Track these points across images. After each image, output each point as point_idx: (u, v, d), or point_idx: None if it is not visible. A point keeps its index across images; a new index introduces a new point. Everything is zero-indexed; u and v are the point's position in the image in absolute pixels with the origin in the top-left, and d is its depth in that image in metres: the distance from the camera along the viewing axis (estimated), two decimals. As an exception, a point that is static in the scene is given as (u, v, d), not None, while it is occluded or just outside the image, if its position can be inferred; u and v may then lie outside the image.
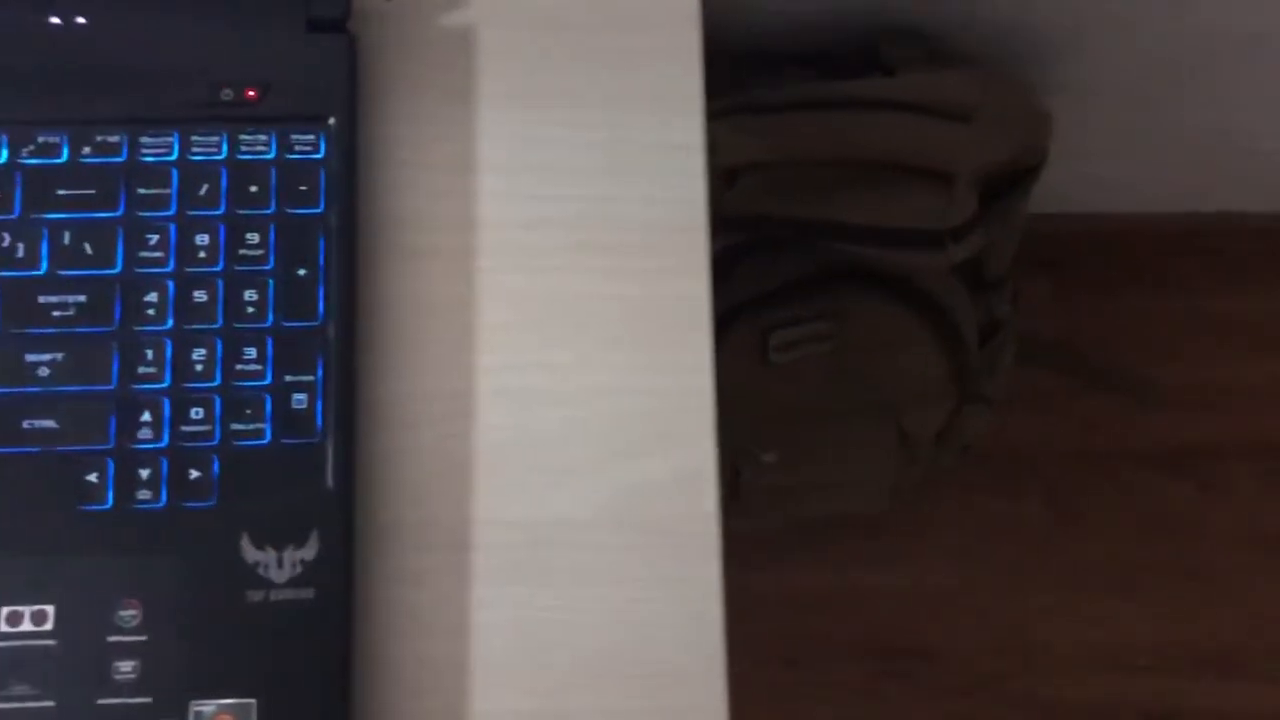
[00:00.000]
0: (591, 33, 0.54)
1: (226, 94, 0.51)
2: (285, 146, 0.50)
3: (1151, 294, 1.34)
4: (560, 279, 0.52)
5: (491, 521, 0.50)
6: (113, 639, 0.46)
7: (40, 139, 0.50)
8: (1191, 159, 1.20)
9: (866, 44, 0.90)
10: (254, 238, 0.50)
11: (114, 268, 0.49)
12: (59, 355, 0.49)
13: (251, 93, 0.51)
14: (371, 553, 0.49)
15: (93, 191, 0.50)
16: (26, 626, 0.46)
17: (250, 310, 0.49)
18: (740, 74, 0.86)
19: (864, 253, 0.88)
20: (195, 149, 0.50)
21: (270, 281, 0.49)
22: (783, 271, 0.93)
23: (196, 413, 0.48)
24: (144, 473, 0.48)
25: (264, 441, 0.48)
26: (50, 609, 0.47)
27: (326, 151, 0.51)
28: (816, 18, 0.91)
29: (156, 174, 0.50)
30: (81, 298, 0.49)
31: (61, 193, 0.50)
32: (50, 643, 0.46)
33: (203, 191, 0.50)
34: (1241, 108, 1.07)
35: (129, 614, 0.47)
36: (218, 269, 0.50)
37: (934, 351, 1.00)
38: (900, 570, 1.30)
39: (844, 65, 0.89)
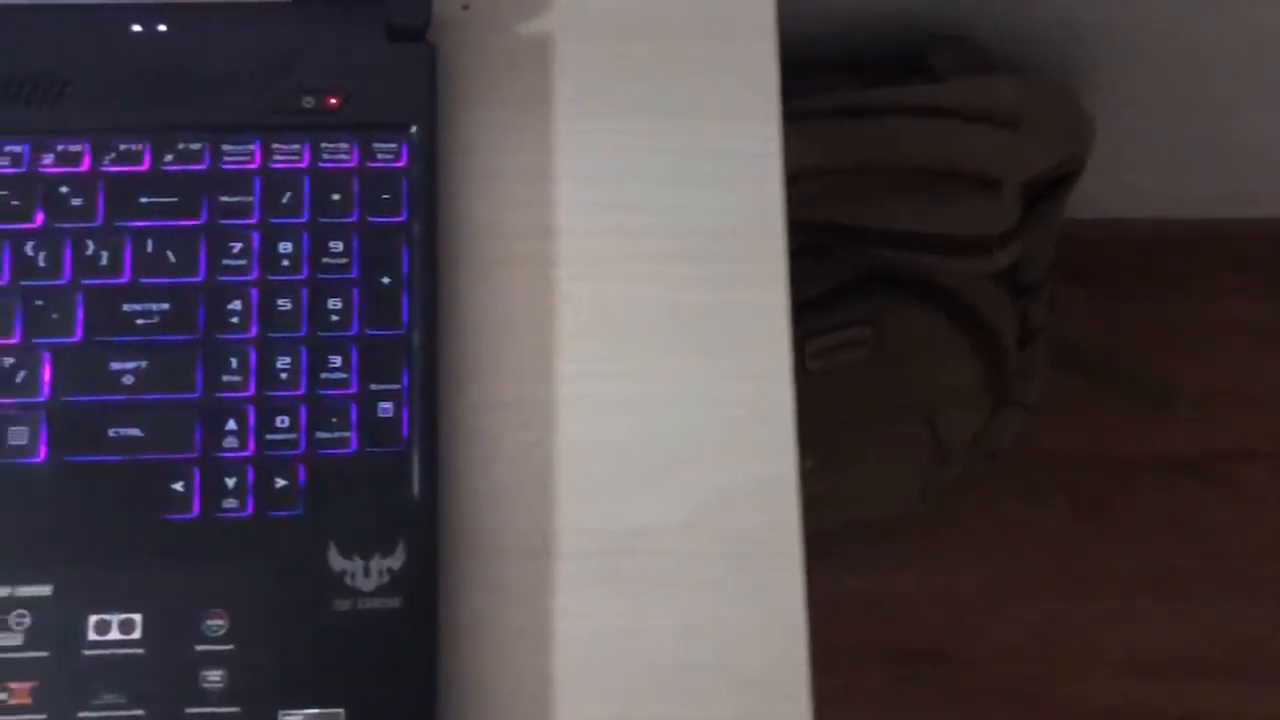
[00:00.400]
0: (668, 41, 0.55)
1: (308, 101, 0.51)
2: (367, 154, 0.50)
3: (1179, 299, 1.34)
4: (638, 287, 0.52)
5: (573, 530, 0.50)
6: (200, 648, 0.46)
7: (122, 146, 0.50)
8: (1221, 165, 1.20)
9: (910, 50, 0.90)
10: (337, 245, 0.50)
11: (197, 275, 0.49)
12: (143, 363, 0.48)
13: (333, 100, 0.51)
14: (453, 561, 0.49)
15: (175, 199, 0.50)
16: (114, 635, 0.46)
17: (335, 318, 0.49)
18: (784, 81, 0.86)
19: (909, 259, 0.88)
20: (277, 156, 0.50)
21: (354, 290, 0.49)
22: (819, 279, 0.93)
23: (282, 421, 0.48)
24: (230, 481, 0.48)
25: (350, 450, 0.48)
26: (138, 618, 0.47)
27: (408, 160, 0.51)
28: (859, 25, 0.91)
29: (238, 181, 0.50)
30: (165, 305, 0.49)
31: (144, 200, 0.50)
32: (138, 652, 0.46)
33: (285, 199, 0.50)
34: (1276, 113, 1.08)
35: (216, 623, 0.47)
36: (301, 277, 0.49)
37: (970, 357, 1.01)
38: (922, 574, 1.30)
39: (888, 72, 0.89)
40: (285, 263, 0.49)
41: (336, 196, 0.50)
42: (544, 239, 0.53)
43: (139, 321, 0.49)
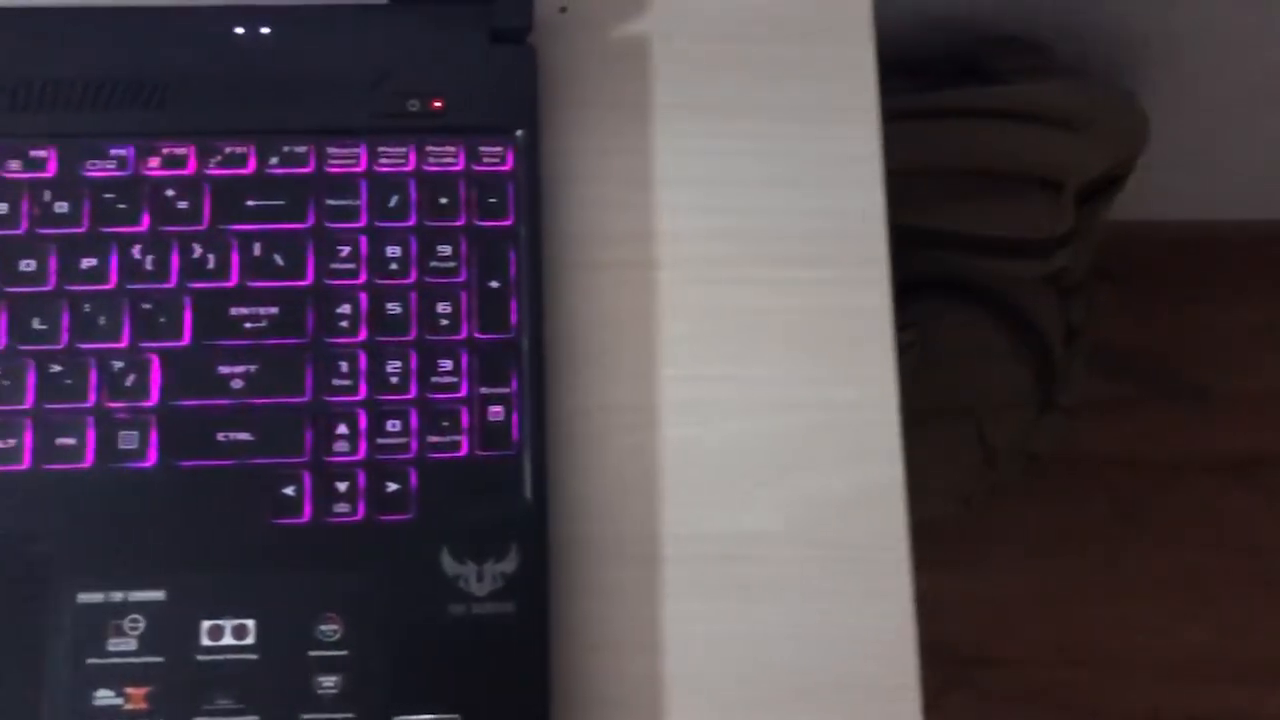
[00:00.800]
0: (765, 43, 0.54)
1: (412, 104, 0.50)
2: (473, 158, 0.50)
3: (1218, 301, 1.34)
4: (741, 291, 0.52)
5: (680, 535, 0.50)
6: (315, 653, 0.46)
7: (227, 150, 0.50)
8: (1258, 167, 1.20)
9: (965, 53, 0.90)
10: (445, 249, 0.49)
11: (305, 279, 0.49)
12: (252, 367, 0.48)
13: (437, 103, 0.51)
14: (562, 566, 0.49)
15: (282, 202, 0.50)
16: (228, 640, 0.46)
17: (444, 322, 0.49)
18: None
19: (968, 262, 0.88)
20: (383, 159, 0.50)
21: (463, 293, 0.49)
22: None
23: (393, 425, 0.48)
24: (341, 486, 0.48)
25: (461, 454, 0.48)
26: (251, 623, 0.46)
27: (514, 164, 0.50)
28: (913, 28, 0.91)
29: (345, 185, 0.50)
30: (274, 309, 0.49)
31: (250, 204, 0.49)
32: (252, 657, 0.46)
33: (392, 203, 0.50)
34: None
35: (330, 628, 0.46)
36: (410, 281, 0.49)
37: (1018, 360, 1.01)
38: (962, 577, 1.30)
39: (944, 75, 0.89)
40: (393, 266, 0.49)
41: (444, 200, 0.50)
42: (645, 243, 0.52)
43: (247, 325, 0.49)
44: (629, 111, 0.54)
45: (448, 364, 0.49)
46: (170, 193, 0.49)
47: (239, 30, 0.51)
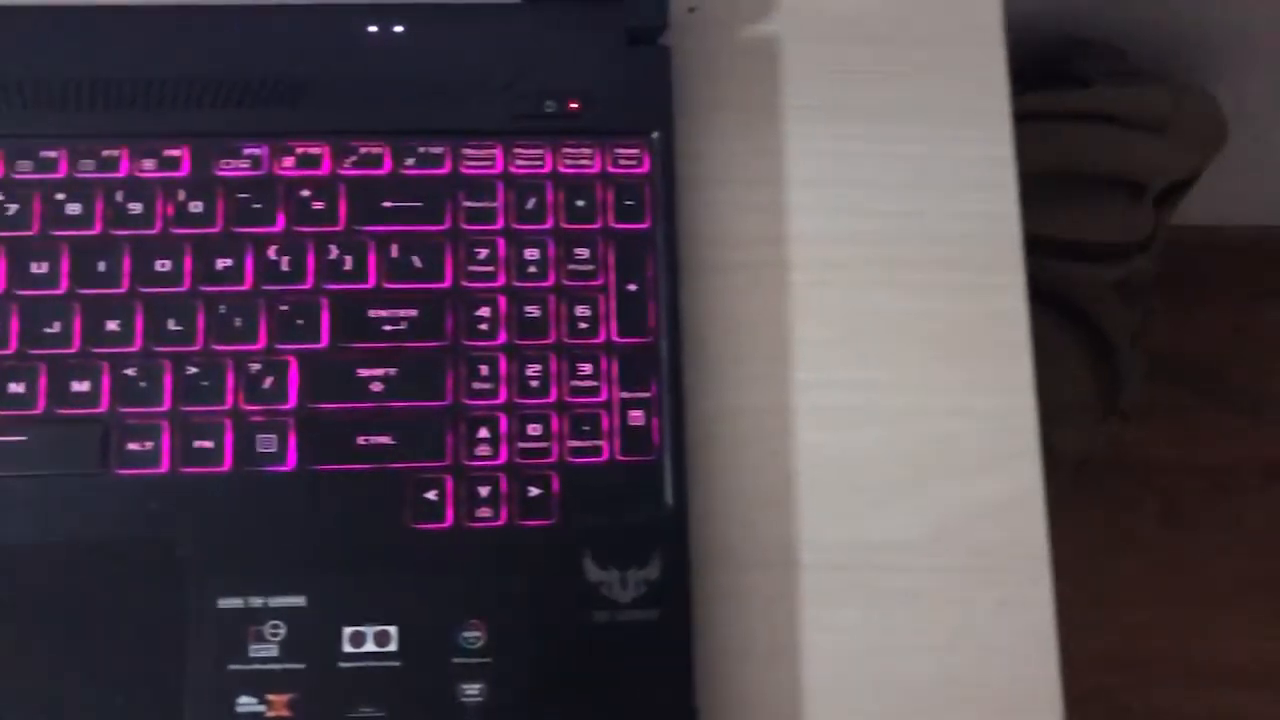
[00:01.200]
0: (894, 45, 0.54)
1: (549, 105, 0.50)
2: (610, 160, 0.50)
3: (1271, 307, 1.34)
4: (874, 294, 0.52)
5: (817, 542, 0.49)
6: (458, 660, 0.46)
7: (362, 150, 0.49)
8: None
9: (1046, 57, 0.89)
10: (583, 253, 0.49)
11: (443, 281, 0.48)
12: (392, 370, 0.48)
13: (574, 104, 0.50)
14: (699, 572, 0.48)
15: (418, 204, 0.49)
16: (370, 647, 0.46)
17: (583, 326, 0.48)
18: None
19: (1043, 266, 0.88)
20: (519, 161, 0.50)
21: (601, 297, 0.49)
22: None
23: (534, 429, 0.47)
24: (483, 490, 0.47)
25: (602, 459, 0.47)
26: (393, 629, 0.46)
27: (651, 166, 0.50)
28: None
29: (482, 186, 0.49)
30: (413, 312, 0.48)
31: (386, 205, 0.49)
32: (394, 664, 0.46)
33: (530, 205, 0.49)
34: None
35: (473, 635, 0.46)
36: (548, 284, 0.49)
37: (1084, 365, 1.00)
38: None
39: (1025, 78, 0.88)
40: (532, 269, 0.49)
41: (580, 203, 0.49)
42: (777, 245, 0.52)
43: (386, 328, 0.48)
44: (758, 113, 0.53)
45: (587, 368, 0.48)
46: (305, 193, 0.49)
47: (372, 28, 0.50)
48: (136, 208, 0.48)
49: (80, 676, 0.45)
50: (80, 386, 0.47)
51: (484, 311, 0.48)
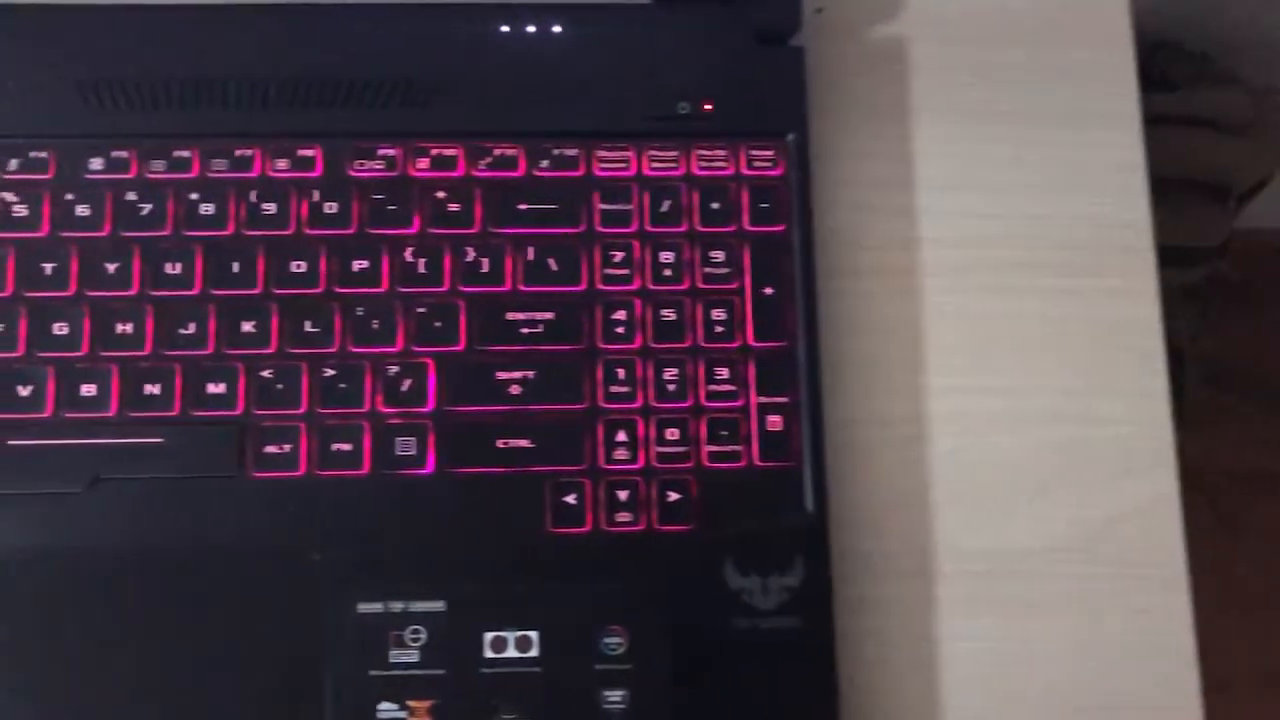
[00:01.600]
0: (1022, 46, 0.53)
1: (683, 107, 0.49)
2: (745, 162, 0.49)
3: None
4: (1007, 299, 0.51)
5: (953, 550, 0.49)
6: (600, 667, 0.45)
7: (496, 152, 0.49)
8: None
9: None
10: (719, 255, 0.49)
11: (579, 284, 0.48)
12: (530, 373, 0.47)
13: (707, 105, 0.50)
14: (836, 581, 0.48)
15: (554, 206, 0.49)
16: (511, 653, 0.45)
17: (719, 330, 0.48)
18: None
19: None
20: (654, 163, 0.49)
21: (738, 301, 0.48)
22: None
23: (672, 434, 0.47)
24: (622, 495, 0.47)
25: (741, 465, 0.47)
26: (534, 635, 0.45)
27: (786, 168, 0.49)
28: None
29: (616, 189, 0.49)
30: (549, 315, 0.48)
31: (522, 207, 0.48)
32: (535, 670, 0.45)
33: (664, 207, 0.49)
34: None
35: (614, 641, 0.45)
36: (684, 287, 0.48)
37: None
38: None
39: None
40: (667, 272, 0.48)
41: (715, 205, 0.49)
42: (908, 250, 0.51)
43: (523, 331, 0.48)
44: (887, 115, 0.53)
45: (725, 372, 0.48)
46: (440, 195, 0.48)
47: (504, 29, 0.50)
48: (270, 208, 0.48)
49: (218, 683, 0.44)
50: (216, 389, 0.46)
51: (620, 315, 0.48)
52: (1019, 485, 0.49)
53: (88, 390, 0.46)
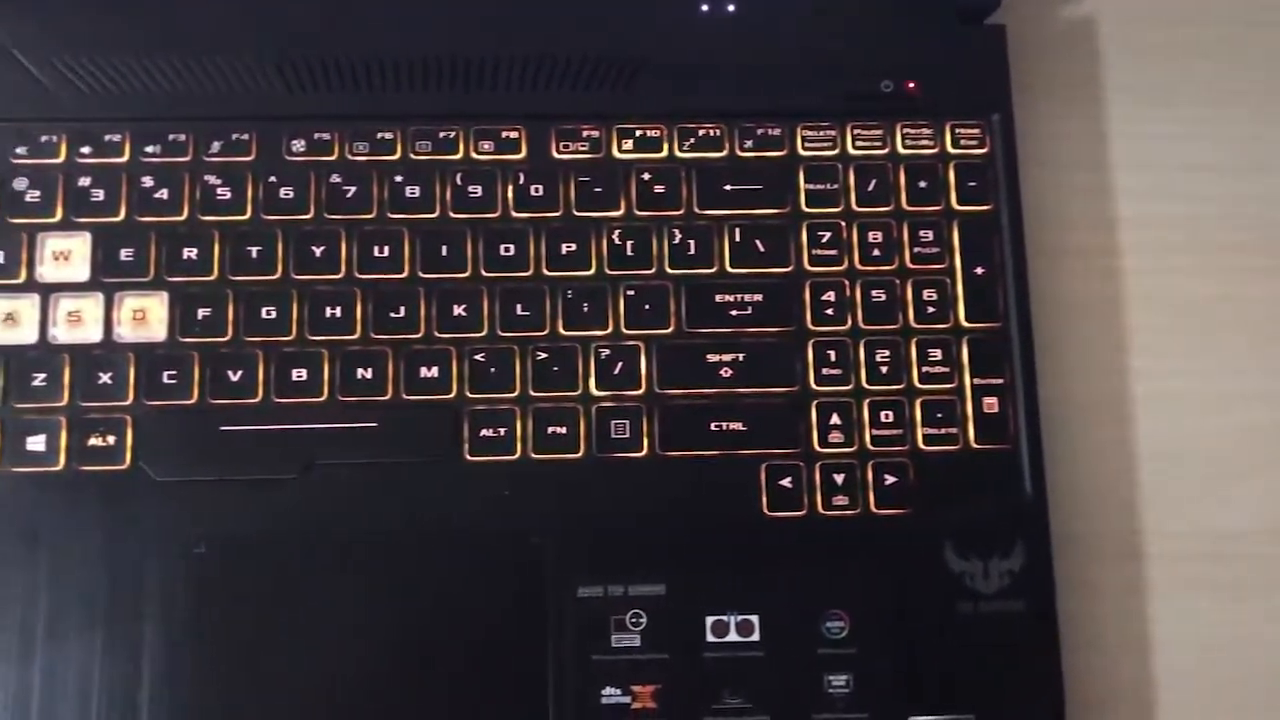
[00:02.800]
0: (1213, 26, 0.53)
1: (886, 86, 0.49)
2: (951, 141, 0.49)
3: None
4: (1208, 280, 0.50)
5: (1160, 532, 0.48)
6: (823, 651, 0.45)
7: (700, 132, 0.48)
8: None
9: None
10: (927, 235, 0.48)
11: (787, 265, 0.48)
12: (740, 356, 0.47)
13: (911, 84, 0.49)
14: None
15: (759, 187, 0.48)
16: (733, 637, 0.45)
17: (931, 310, 0.47)
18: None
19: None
20: (859, 143, 0.49)
21: (948, 281, 0.48)
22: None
23: (886, 416, 0.47)
24: (838, 478, 0.46)
25: (957, 447, 0.46)
26: (755, 619, 0.45)
27: (992, 147, 0.49)
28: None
29: (821, 169, 0.48)
30: (758, 296, 0.47)
31: (727, 188, 0.48)
32: (758, 654, 0.45)
33: (871, 187, 0.48)
34: None
35: (836, 625, 0.45)
36: (893, 268, 0.48)
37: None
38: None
39: None
40: (876, 252, 0.48)
41: (923, 184, 0.48)
42: (1106, 230, 0.51)
43: (733, 313, 0.47)
44: (1079, 94, 0.52)
45: (937, 354, 0.47)
46: (646, 176, 0.48)
47: (704, 8, 0.49)
48: (477, 191, 0.47)
49: (438, 669, 0.44)
50: (429, 372, 0.46)
51: (829, 296, 0.47)
52: (1228, 467, 0.49)
53: (298, 375, 0.46)
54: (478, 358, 0.46)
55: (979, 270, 0.48)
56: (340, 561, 0.45)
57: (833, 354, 0.47)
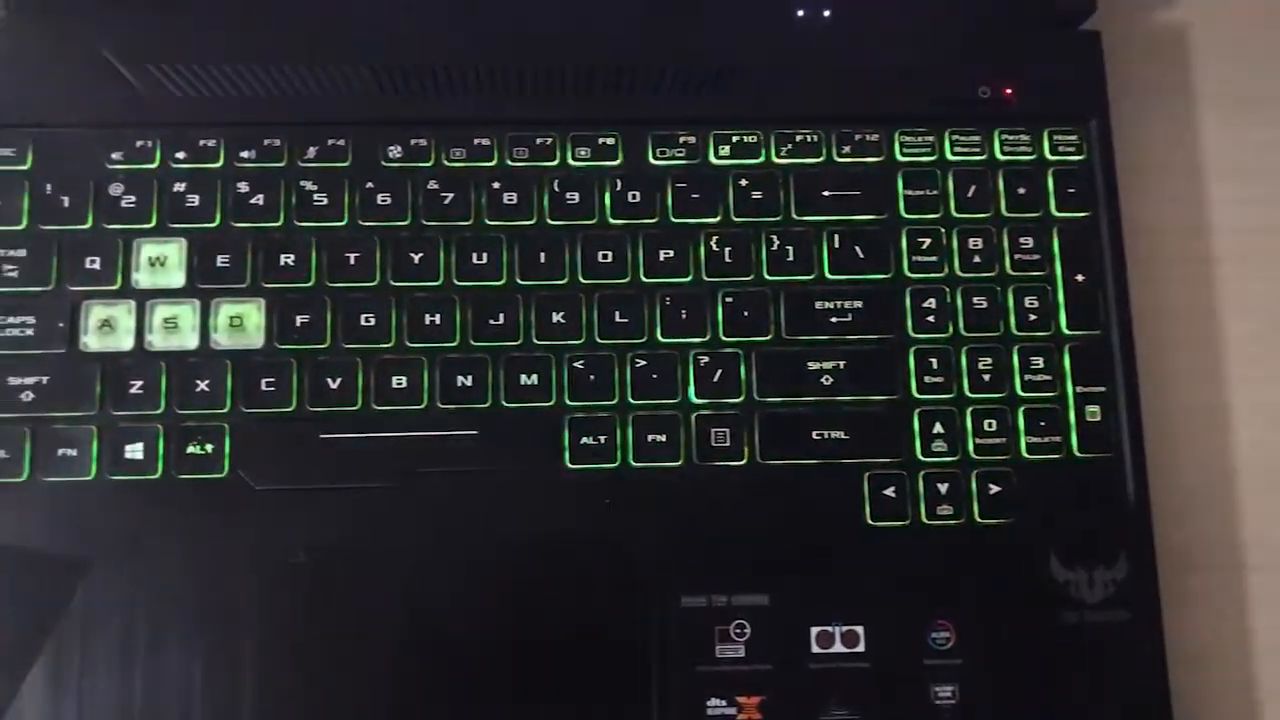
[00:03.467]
0: (1307, 31, 0.52)
1: (983, 91, 0.49)
2: (1048, 147, 0.48)
3: None
4: (1304, 287, 0.50)
5: (1263, 543, 0.48)
6: (929, 662, 0.44)
7: (798, 138, 0.48)
8: None
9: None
10: (1027, 242, 0.48)
11: (887, 271, 0.47)
12: (840, 363, 0.46)
13: (1008, 90, 0.49)
14: (1150, 572, 0.47)
15: (857, 193, 0.48)
16: (838, 648, 0.44)
17: (1032, 318, 0.47)
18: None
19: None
20: (957, 149, 0.48)
21: (1049, 288, 0.47)
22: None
23: (989, 425, 0.46)
24: (941, 487, 0.46)
25: (1059, 456, 0.46)
26: (860, 630, 0.45)
27: (1089, 154, 0.48)
28: None
29: (919, 174, 0.48)
30: (858, 304, 0.47)
31: (825, 194, 0.48)
32: (864, 665, 0.44)
33: (970, 193, 0.48)
34: None
35: (942, 635, 0.45)
36: (993, 274, 0.47)
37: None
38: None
39: None
40: (976, 259, 0.47)
41: (1021, 191, 0.48)
42: (1202, 236, 0.50)
43: (833, 320, 0.47)
44: (1173, 99, 0.52)
45: (1039, 361, 0.47)
46: (743, 182, 0.48)
47: (800, 13, 0.49)
48: (574, 198, 0.47)
49: (540, 679, 0.44)
50: (528, 380, 0.46)
51: (930, 303, 0.47)
52: (1328, 476, 0.48)
53: (398, 383, 0.45)
54: (577, 365, 0.46)
55: (1079, 277, 0.47)
56: (440, 571, 0.44)
57: (934, 361, 0.47)
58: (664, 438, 0.46)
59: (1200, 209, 0.51)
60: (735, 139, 0.48)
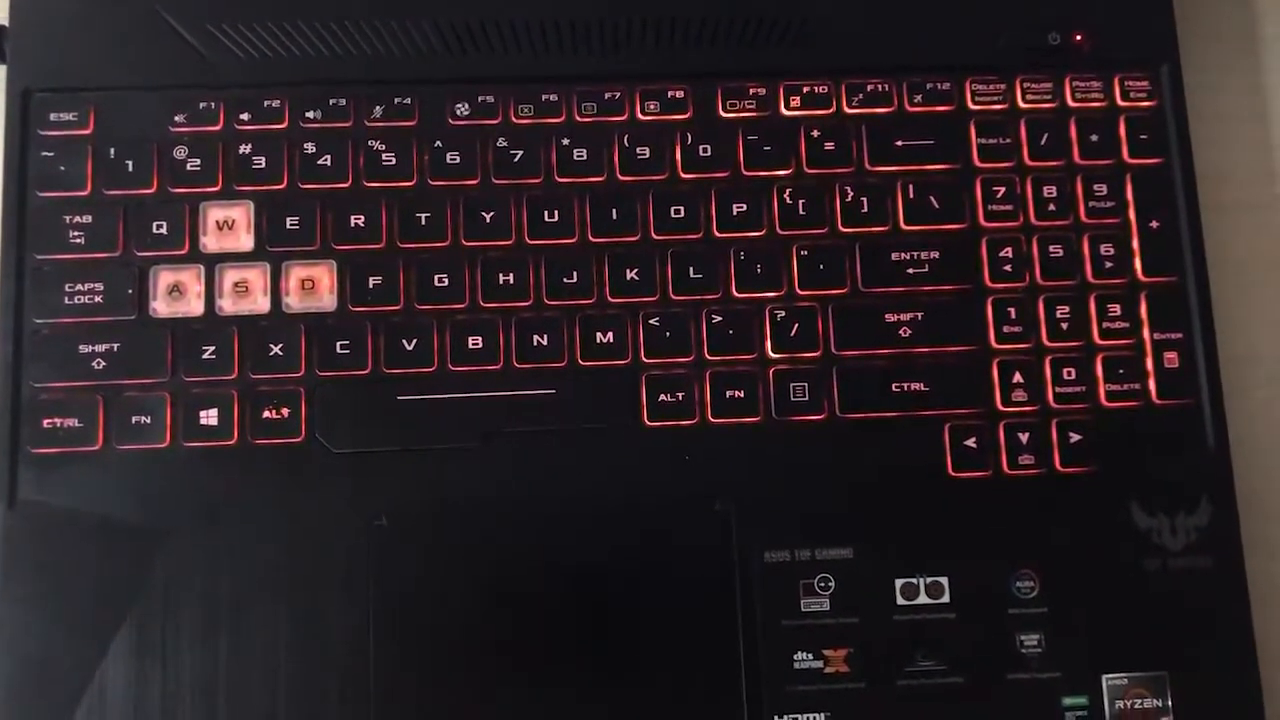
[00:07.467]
0: (1373, -28, 0.52)
1: (1054, 38, 0.48)
2: (1120, 94, 0.48)
3: None
4: (1374, 231, 0.50)
5: (1338, 485, 0.48)
6: (1014, 611, 0.44)
7: (869, 88, 0.47)
8: None
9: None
10: (1101, 189, 0.47)
11: (962, 221, 0.47)
12: (918, 314, 0.46)
13: (1079, 36, 0.48)
14: (1227, 519, 0.47)
15: (930, 142, 0.47)
16: (923, 599, 0.44)
17: (1108, 265, 0.47)
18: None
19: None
20: (1029, 96, 0.48)
21: (1124, 235, 0.47)
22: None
23: (1068, 374, 0.46)
24: (1023, 437, 0.45)
25: (1139, 403, 0.46)
26: (944, 581, 0.44)
27: (1161, 100, 0.48)
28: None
29: (991, 123, 0.48)
30: (934, 254, 0.47)
31: (899, 144, 0.47)
32: (949, 616, 0.44)
33: (1043, 141, 0.47)
34: None
35: (1026, 585, 0.44)
36: (1068, 222, 0.47)
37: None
38: None
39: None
40: (1051, 208, 0.47)
41: (1094, 138, 0.48)
42: (1271, 184, 0.50)
43: (909, 271, 0.46)
44: (1239, 47, 0.51)
45: (1117, 309, 0.46)
46: (815, 134, 0.47)
47: (868, -39, 0.48)
48: (644, 152, 0.47)
49: (623, 637, 0.43)
50: (605, 338, 0.45)
51: (1006, 252, 0.47)
52: (1403, 419, 0.48)
53: (474, 343, 0.45)
54: (652, 322, 0.45)
55: (1154, 224, 0.47)
56: (523, 530, 0.44)
57: (1012, 311, 0.46)
58: (742, 393, 0.45)
59: (1271, 155, 0.50)
60: (806, 90, 0.47)
